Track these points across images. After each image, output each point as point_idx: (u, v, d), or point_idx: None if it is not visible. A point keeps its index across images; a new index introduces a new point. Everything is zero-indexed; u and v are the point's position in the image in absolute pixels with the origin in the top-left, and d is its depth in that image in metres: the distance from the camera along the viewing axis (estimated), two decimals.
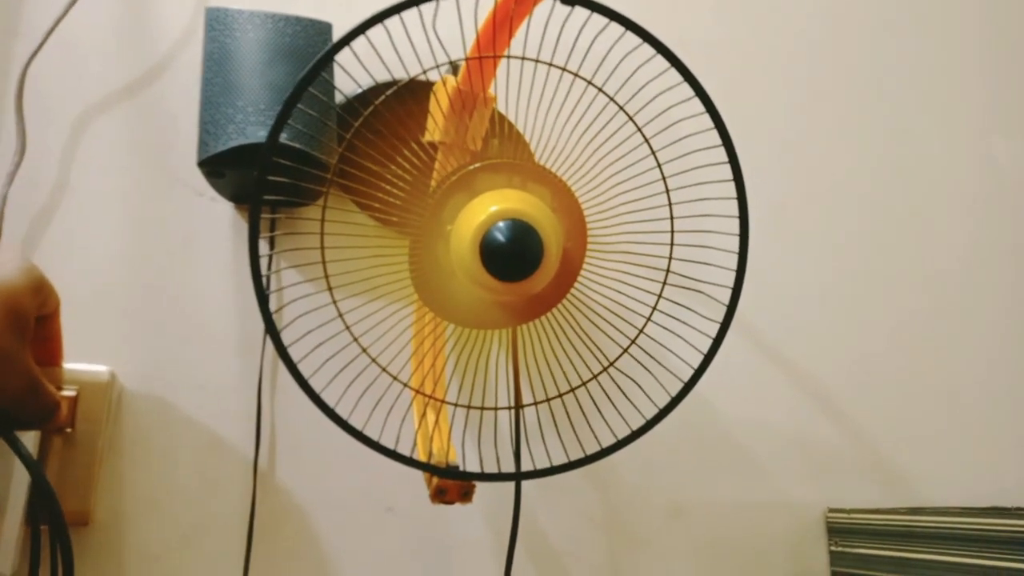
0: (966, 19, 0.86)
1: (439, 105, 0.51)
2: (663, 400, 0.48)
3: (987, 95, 0.84)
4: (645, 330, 0.49)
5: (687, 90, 0.45)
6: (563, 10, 0.45)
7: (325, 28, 0.60)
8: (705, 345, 0.48)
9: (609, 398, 0.49)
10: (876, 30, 0.83)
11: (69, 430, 0.53)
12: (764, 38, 0.80)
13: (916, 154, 0.81)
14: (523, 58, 0.47)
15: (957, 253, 0.79)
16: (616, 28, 0.45)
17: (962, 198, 0.81)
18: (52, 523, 0.43)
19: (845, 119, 0.80)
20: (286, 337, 0.44)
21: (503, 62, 0.50)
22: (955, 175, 0.81)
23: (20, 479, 0.45)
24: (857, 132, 0.80)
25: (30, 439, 0.45)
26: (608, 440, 0.47)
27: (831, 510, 0.69)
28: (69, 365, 0.52)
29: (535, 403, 0.50)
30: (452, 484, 0.49)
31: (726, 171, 0.47)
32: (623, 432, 0.48)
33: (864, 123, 0.80)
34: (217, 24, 0.57)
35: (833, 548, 0.68)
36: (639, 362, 0.50)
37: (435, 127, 0.51)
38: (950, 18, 0.85)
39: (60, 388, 0.51)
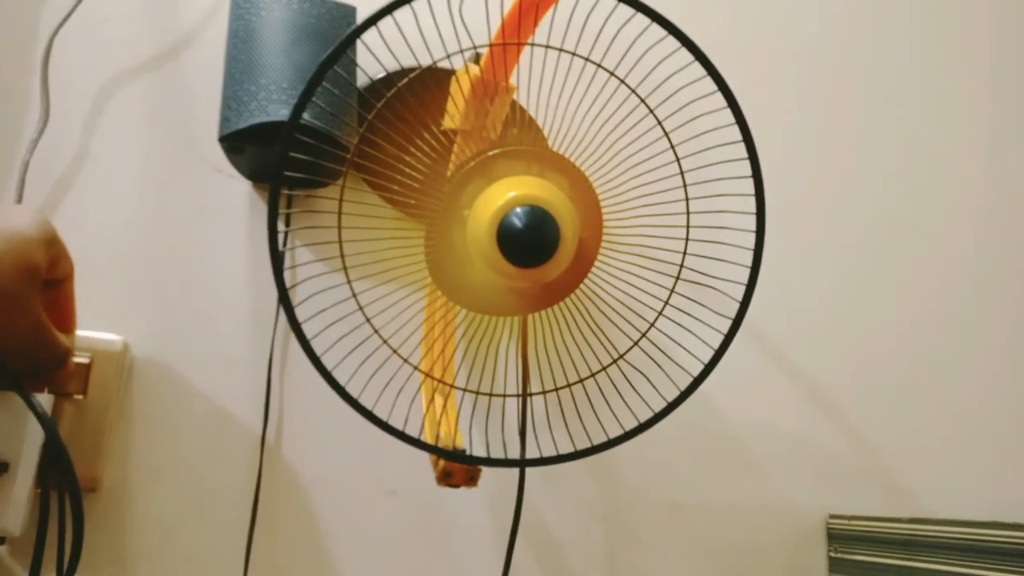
0: (981, 31, 0.85)
1: (460, 91, 0.51)
2: (671, 394, 0.48)
3: (1000, 108, 0.84)
4: (656, 324, 0.49)
5: (708, 85, 0.45)
6: (587, 0, 0.45)
7: (349, 11, 0.61)
8: (715, 341, 0.48)
9: (617, 390, 0.50)
10: (891, 40, 0.82)
11: (80, 397, 0.53)
12: (781, 44, 0.80)
13: (928, 164, 0.80)
14: (547, 46, 0.47)
15: (966, 264, 0.79)
16: (640, 20, 0.45)
17: (972, 209, 0.81)
18: (64, 483, 0.44)
19: (858, 127, 0.80)
20: (299, 315, 0.44)
21: (526, 50, 0.50)
22: (966, 186, 0.81)
23: (32, 441, 0.45)
24: (869, 140, 0.80)
25: (43, 405, 0.45)
26: (614, 432, 0.48)
27: (832, 516, 0.69)
28: (83, 332, 0.53)
29: (543, 392, 0.51)
30: (458, 468, 0.49)
31: (744, 167, 0.47)
32: (629, 425, 0.48)
33: (876, 131, 0.80)
34: (243, 2, 0.58)
35: (832, 554, 0.68)
36: (648, 356, 0.50)
37: (455, 112, 0.52)
38: (965, 29, 0.85)
39: (73, 355, 0.51)
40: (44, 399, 0.45)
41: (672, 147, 0.48)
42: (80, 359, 0.53)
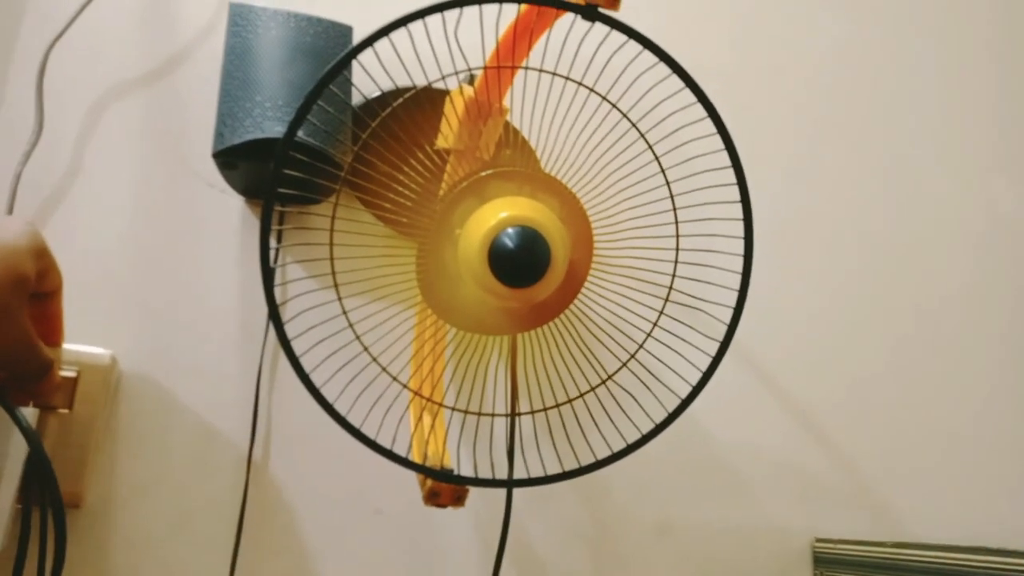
0: (975, 61, 0.87)
1: (454, 112, 0.52)
2: (659, 415, 0.48)
3: (992, 137, 0.85)
4: (645, 345, 0.50)
5: (699, 111, 0.46)
6: (582, 25, 0.46)
7: (346, 30, 0.61)
8: (703, 363, 0.48)
9: (606, 411, 0.50)
10: (885, 67, 0.84)
11: (66, 411, 0.53)
12: (775, 70, 0.81)
13: (919, 190, 0.82)
14: (540, 70, 0.47)
15: (955, 290, 0.80)
16: (633, 46, 0.46)
17: (962, 236, 0.82)
18: (48, 498, 0.43)
19: (851, 152, 0.81)
20: (288, 331, 0.44)
21: (520, 72, 0.50)
22: (956, 213, 0.82)
23: (15, 455, 0.45)
24: (862, 165, 0.81)
25: (28, 419, 0.45)
26: (602, 453, 0.48)
27: (818, 540, 0.69)
28: (70, 346, 0.53)
29: (532, 412, 0.51)
30: (445, 487, 0.49)
31: (733, 192, 0.47)
32: (617, 446, 0.48)
33: (869, 157, 0.81)
34: (240, 19, 0.58)
35: None
36: (637, 377, 0.50)
37: (449, 132, 0.52)
38: (959, 58, 0.86)
39: (60, 368, 0.51)
40: (29, 413, 0.45)
41: (662, 171, 0.48)
42: (67, 373, 0.53)
